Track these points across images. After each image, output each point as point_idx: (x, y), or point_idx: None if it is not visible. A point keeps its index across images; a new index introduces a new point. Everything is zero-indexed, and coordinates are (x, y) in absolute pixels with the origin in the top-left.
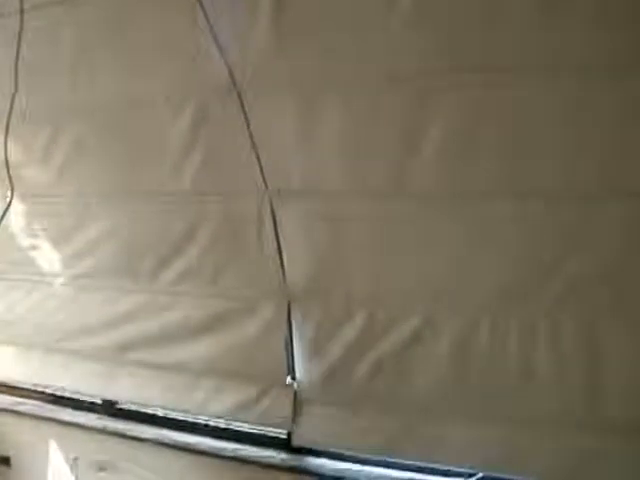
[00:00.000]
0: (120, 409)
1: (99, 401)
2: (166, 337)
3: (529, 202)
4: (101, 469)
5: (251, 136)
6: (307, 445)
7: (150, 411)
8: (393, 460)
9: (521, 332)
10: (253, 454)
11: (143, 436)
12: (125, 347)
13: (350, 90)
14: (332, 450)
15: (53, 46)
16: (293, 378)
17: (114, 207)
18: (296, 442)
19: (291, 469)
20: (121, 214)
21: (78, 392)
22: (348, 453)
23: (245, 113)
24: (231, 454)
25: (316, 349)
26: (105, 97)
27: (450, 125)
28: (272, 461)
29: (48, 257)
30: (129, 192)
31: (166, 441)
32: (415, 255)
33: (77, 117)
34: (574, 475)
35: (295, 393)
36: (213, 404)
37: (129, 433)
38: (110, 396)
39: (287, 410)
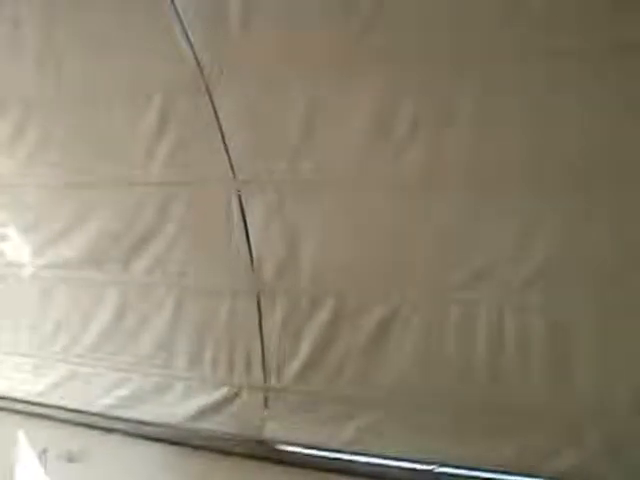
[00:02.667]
0: None
1: None
2: (134, 332)
3: (490, 191)
4: (70, 460)
5: (219, 127)
6: (276, 439)
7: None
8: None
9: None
10: (224, 444)
11: (112, 427)
12: (94, 346)
13: (318, 75)
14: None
15: (19, 38)
16: (264, 374)
17: (82, 197)
18: (266, 436)
19: (265, 459)
20: (89, 204)
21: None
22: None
23: (213, 104)
24: (202, 443)
25: (285, 339)
26: (72, 88)
27: (421, 118)
28: (245, 451)
29: (16, 247)
30: (97, 182)
31: (135, 432)
32: (383, 244)
33: (44, 108)
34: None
35: (266, 391)
36: (181, 407)
37: (98, 424)
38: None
39: (258, 409)
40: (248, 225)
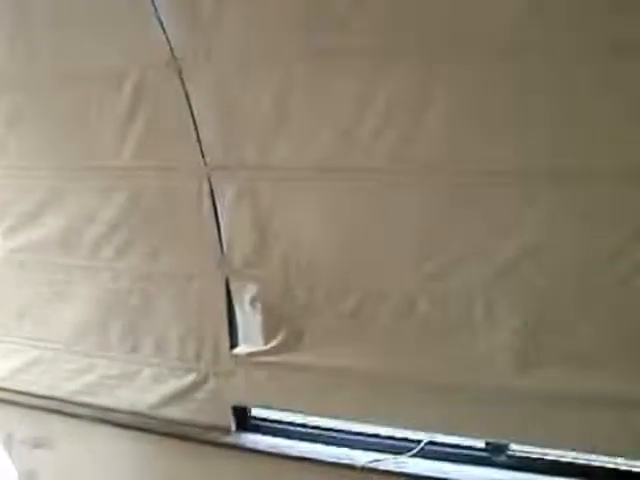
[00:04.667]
0: None
1: None
2: (102, 318)
3: (463, 185)
4: (37, 446)
5: (191, 113)
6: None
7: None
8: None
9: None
10: (192, 431)
11: (80, 412)
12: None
13: (290, 61)
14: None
15: None
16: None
17: (51, 181)
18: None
19: (233, 446)
20: (59, 188)
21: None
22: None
23: (185, 89)
24: (169, 430)
25: (256, 326)
26: (43, 68)
27: (394, 101)
28: (212, 438)
29: None
30: (67, 166)
31: (102, 418)
32: (355, 229)
33: (13, 88)
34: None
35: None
36: (148, 393)
37: (64, 410)
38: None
39: (226, 396)
40: (218, 212)
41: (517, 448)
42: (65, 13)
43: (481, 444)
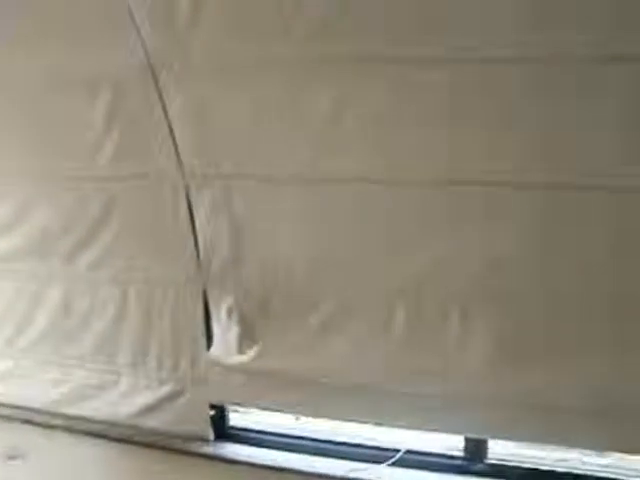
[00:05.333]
0: None
1: None
2: (78, 327)
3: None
4: (11, 457)
5: (168, 121)
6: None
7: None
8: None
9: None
10: (169, 441)
11: (55, 423)
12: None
13: (266, 70)
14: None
15: None
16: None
17: (27, 188)
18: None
19: (217, 457)
20: (35, 196)
21: None
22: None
23: (162, 98)
24: (146, 440)
25: (232, 337)
26: (22, 73)
27: (368, 111)
28: (196, 449)
29: None
30: (43, 173)
31: (78, 428)
32: (331, 237)
33: None
34: None
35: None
36: (125, 404)
37: (40, 421)
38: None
39: (203, 406)
40: (195, 220)
41: (495, 456)
42: (41, 18)
43: (459, 452)
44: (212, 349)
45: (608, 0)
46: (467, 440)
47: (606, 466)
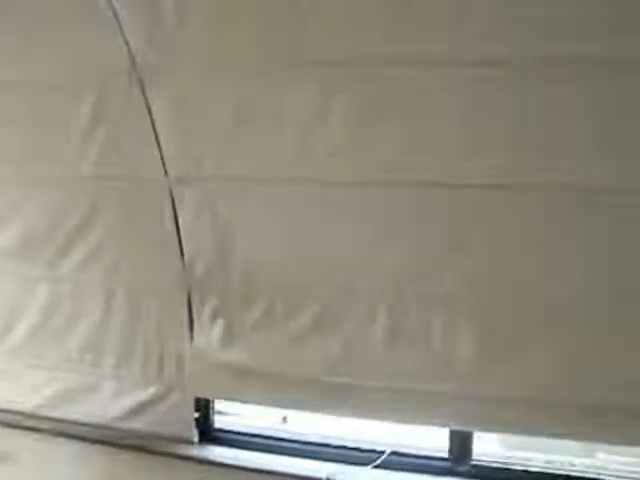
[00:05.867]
0: None
1: None
2: (63, 330)
3: (429, 191)
4: None
5: (152, 122)
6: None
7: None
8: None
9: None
10: (155, 444)
11: (41, 426)
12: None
13: (249, 73)
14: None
15: None
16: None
17: (11, 191)
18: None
19: (202, 459)
20: (19, 199)
21: None
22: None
23: (146, 100)
24: (132, 443)
25: (215, 334)
26: (3, 75)
27: (353, 113)
28: (181, 452)
29: None
30: (26, 175)
31: (64, 431)
32: (314, 240)
33: None
34: None
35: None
36: (110, 406)
37: (25, 424)
38: None
39: (189, 409)
40: (180, 223)
41: (479, 458)
42: (25, 18)
43: (444, 454)
44: (195, 342)
45: None
46: (452, 442)
47: (591, 467)
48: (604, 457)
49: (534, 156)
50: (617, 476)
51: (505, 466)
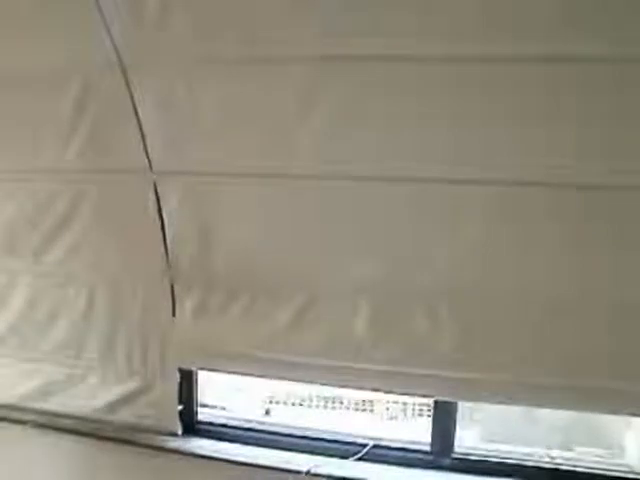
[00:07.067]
0: None
1: None
2: (46, 322)
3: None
4: None
5: (136, 115)
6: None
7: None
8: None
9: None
10: (138, 436)
11: (24, 418)
12: (4, 336)
13: (233, 67)
14: None
15: None
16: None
17: None
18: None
19: (185, 452)
20: (2, 191)
21: None
22: None
23: (130, 91)
24: (115, 435)
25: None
26: None
27: (333, 112)
28: (164, 444)
29: None
30: (9, 168)
31: (47, 423)
32: (296, 233)
33: None
34: None
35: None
36: (94, 398)
37: (8, 416)
38: None
39: (172, 400)
40: (163, 216)
41: (461, 450)
42: (7, 11)
43: (426, 447)
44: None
45: None
46: (434, 435)
47: (570, 459)
48: (582, 450)
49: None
50: (594, 468)
51: (486, 459)
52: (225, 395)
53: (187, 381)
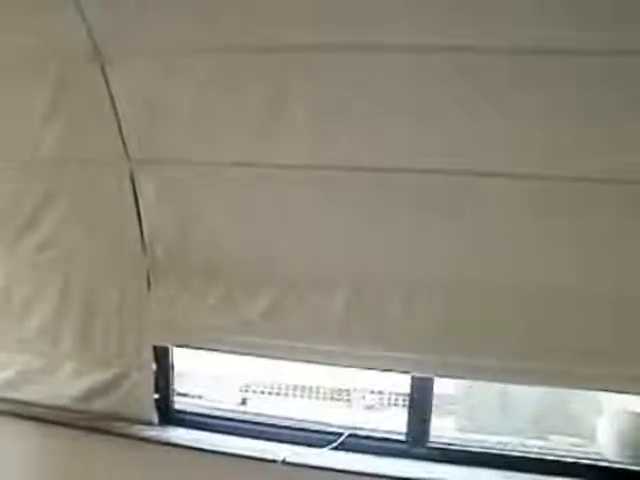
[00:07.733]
0: None
1: None
2: (20, 312)
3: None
4: None
5: (113, 104)
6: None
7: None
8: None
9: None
10: (114, 425)
11: (0, 408)
12: None
13: (211, 57)
14: None
15: None
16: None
17: None
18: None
19: (161, 441)
20: None
21: None
22: None
23: (107, 80)
24: (91, 425)
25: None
26: None
27: (311, 102)
28: (141, 433)
29: None
30: None
31: (22, 413)
32: (274, 224)
33: None
34: None
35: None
36: (69, 388)
37: None
38: None
39: (148, 390)
40: (140, 206)
41: (437, 440)
42: None
43: (402, 436)
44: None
45: None
46: (409, 424)
47: (544, 448)
48: (556, 438)
49: None
50: (568, 457)
51: (461, 448)
52: (202, 384)
53: (163, 370)
